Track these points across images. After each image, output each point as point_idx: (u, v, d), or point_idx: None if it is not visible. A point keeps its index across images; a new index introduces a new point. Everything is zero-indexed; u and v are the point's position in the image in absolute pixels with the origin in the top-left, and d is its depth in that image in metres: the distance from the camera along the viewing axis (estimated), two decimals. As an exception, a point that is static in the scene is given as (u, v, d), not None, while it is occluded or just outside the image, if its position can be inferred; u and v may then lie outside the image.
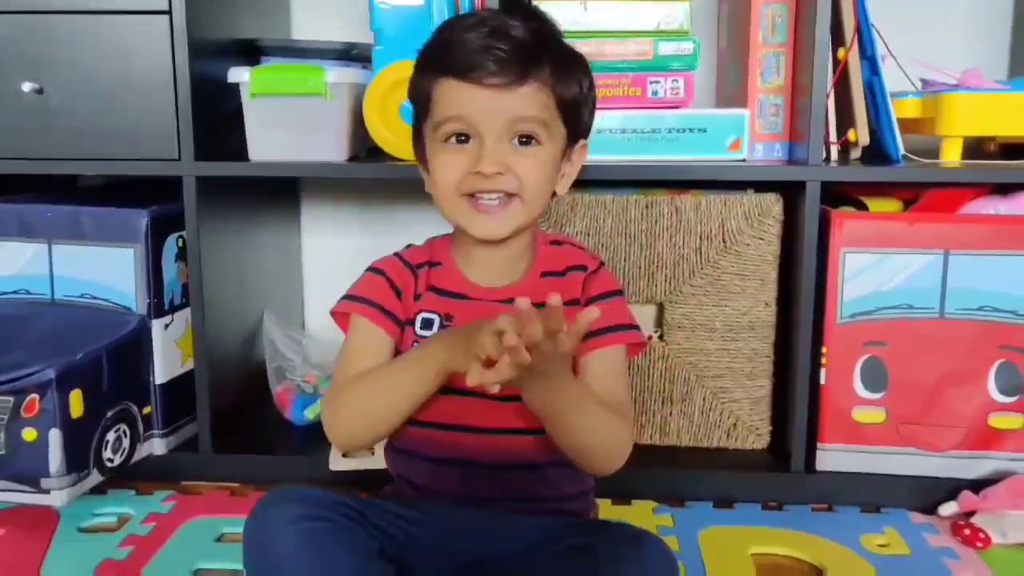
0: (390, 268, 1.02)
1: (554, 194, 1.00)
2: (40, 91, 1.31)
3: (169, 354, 1.39)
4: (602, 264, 1.05)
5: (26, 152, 1.34)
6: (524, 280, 1.00)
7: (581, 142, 1.01)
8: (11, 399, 1.20)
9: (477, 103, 0.91)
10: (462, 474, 0.97)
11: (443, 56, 0.93)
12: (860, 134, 1.34)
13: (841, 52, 1.33)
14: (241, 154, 1.37)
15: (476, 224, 0.95)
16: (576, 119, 0.98)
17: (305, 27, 1.70)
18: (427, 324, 0.99)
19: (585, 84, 0.98)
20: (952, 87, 1.37)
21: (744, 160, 1.35)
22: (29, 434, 1.20)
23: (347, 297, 1.01)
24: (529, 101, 0.92)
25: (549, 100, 0.94)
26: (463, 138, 0.93)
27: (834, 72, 1.33)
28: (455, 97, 0.92)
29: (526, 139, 0.93)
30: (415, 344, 0.98)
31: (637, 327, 1.02)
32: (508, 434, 0.95)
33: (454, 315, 0.99)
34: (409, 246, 1.07)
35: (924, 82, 1.44)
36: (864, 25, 1.33)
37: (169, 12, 1.28)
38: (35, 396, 1.20)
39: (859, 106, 1.33)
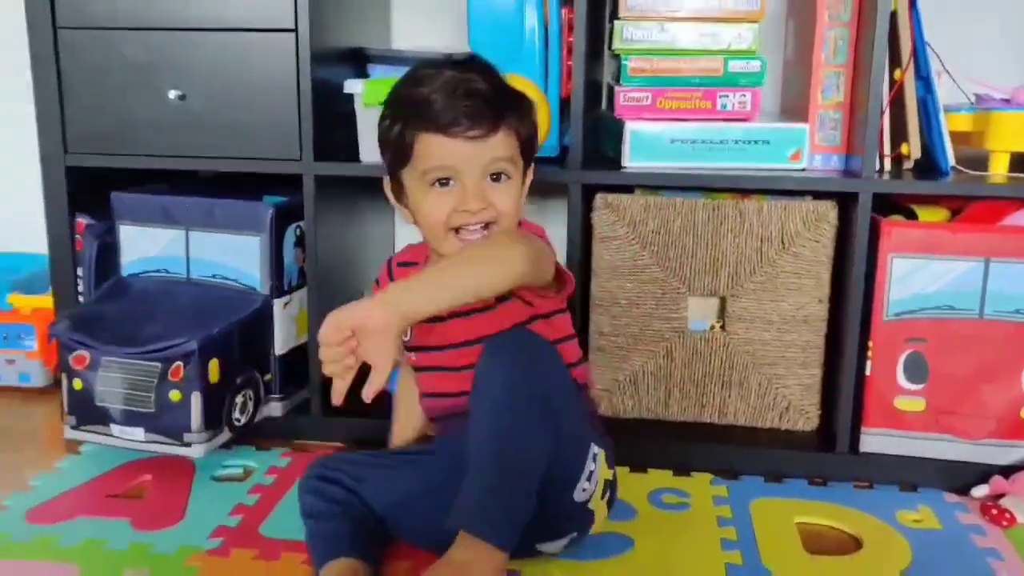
0: (382, 278, 1.29)
1: None
2: (183, 97, 1.51)
3: (287, 329, 1.58)
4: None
5: (169, 150, 1.54)
6: None
7: (532, 166, 1.21)
8: (159, 365, 1.41)
9: (458, 153, 1.10)
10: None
11: (420, 113, 1.10)
12: (912, 148, 1.47)
13: (897, 73, 1.45)
14: (352, 155, 1.54)
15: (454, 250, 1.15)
16: (532, 151, 1.19)
17: (404, 33, 1.87)
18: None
19: (534, 119, 1.18)
20: (1003, 103, 1.49)
21: (804, 170, 1.48)
22: (175, 395, 1.41)
23: None
24: (500, 145, 1.11)
25: (514, 141, 1.14)
26: (445, 181, 1.12)
27: (890, 91, 1.45)
28: (437, 149, 1.10)
29: (497, 175, 1.13)
30: None
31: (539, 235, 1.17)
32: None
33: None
34: (409, 245, 1.29)
35: (978, 97, 1.55)
36: (920, 47, 1.45)
37: (295, 30, 1.46)
38: (180, 364, 1.40)
39: (912, 123, 1.46)
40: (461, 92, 1.09)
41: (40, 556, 1.23)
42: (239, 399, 1.50)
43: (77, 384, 1.44)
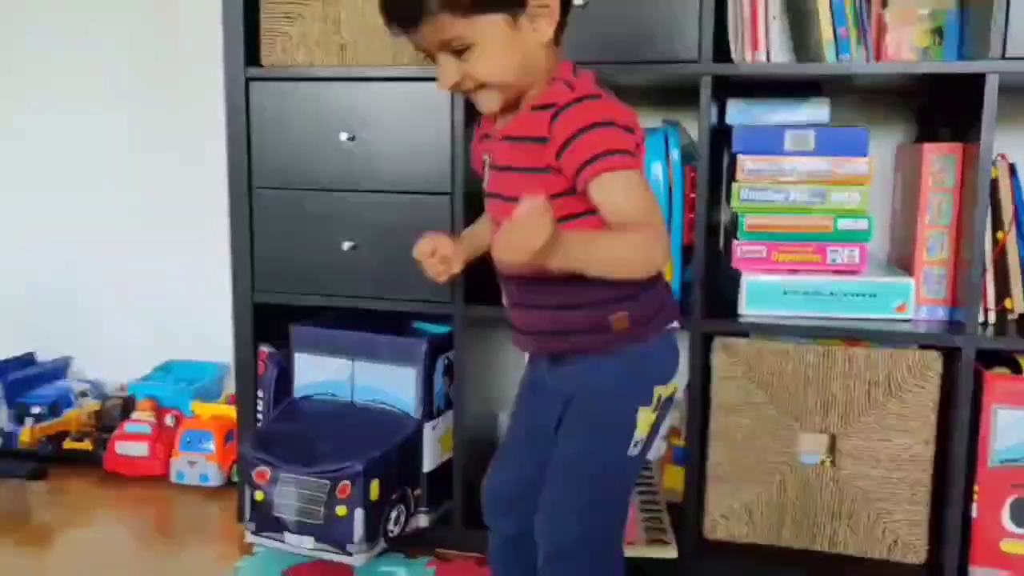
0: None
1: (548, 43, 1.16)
2: (355, 247, 1.75)
3: (434, 448, 1.79)
4: (580, 99, 1.13)
5: (341, 291, 1.78)
6: (515, 119, 1.20)
7: None
8: (329, 483, 1.63)
9: (410, 42, 1.16)
10: (512, 288, 1.26)
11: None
12: (1016, 303, 1.58)
13: (1000, 234, 1.57)
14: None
15: (477, 107, 1.21)
16: (499, 3, 1.12)
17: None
18: (483, 164, 1.28)
19: None
20: (1106, 260, 1.58)
21: (909, 320, 1.60)
22: (341, 511, 1.62)
23: None
24: (437, 30, 1.11)
25: (453, 16, 1.10)
26: (431, 58, 1.17)
27: (993, 250, 1.57)
28: (401, 39, 1.17)
29: (458, 51, 1.12)
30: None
31: (616, 151, 1.10)
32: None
33: (487, 152, 1.26)
34: None
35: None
36: (1021, 211, 1.57)
37: (451, 193, 1.69)
38: (347, 483, 1.62)
39: (1015, 280, 1.58)
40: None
41: (232, 651, 1.45)
42: (393, 513, 1.70)
43: (259, 496, 1.67)
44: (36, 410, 2.21)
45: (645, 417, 1.23)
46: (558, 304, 1.21)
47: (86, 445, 2.18)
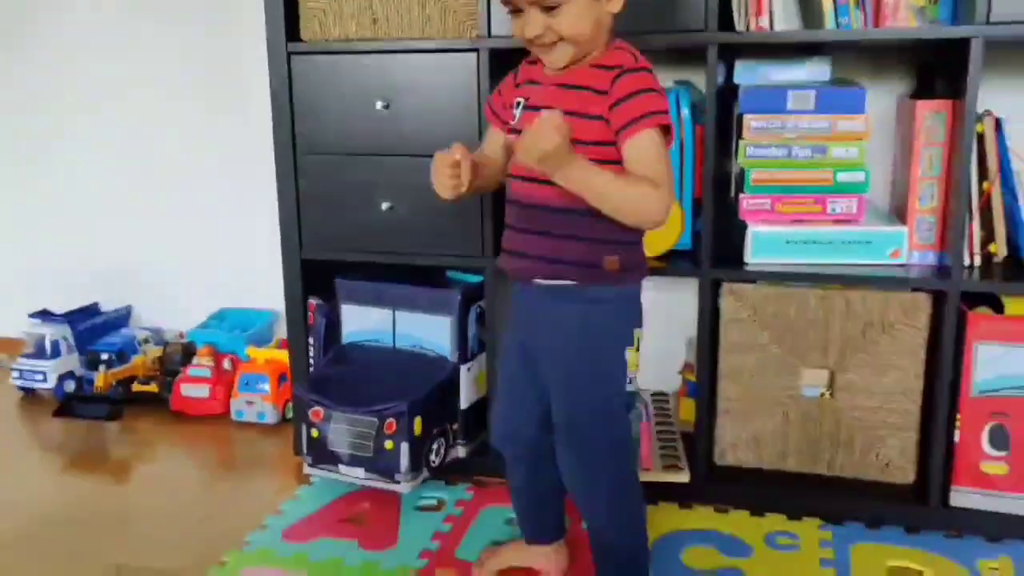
0: (511, 75, 1.49)
1: (614, 15, 1.34)
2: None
3: (470, 387, 1.97)
4: (641, 69, 1.33)
5: (380, 247, 1.95)
6: (571, 72, 1.36)
7: None
8: (377, 420, 1.82)
9: None
10: (520, 212, 1.41)
11: None
12: (1000, 248, 1.71)
13: (986, 185, 1.70)
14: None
15: (544, 59, 1.37)
16: None
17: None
18: (516, 104, 1.44)
19: None
20: (1087, 205, 1.71)
21: (903, 265, 1.75)
22: (389, 445, 1.81)
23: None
24: None
25: None
26: (515, 12, 1.33)
27: (980, 199, 1.71)
28: None
29: (549, 7, 1.29)
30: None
31: (662, 112, 1.30)
32: (539, 183, 1.33)
33: (529, 97, 1.41)
34: None
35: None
36: (1005, 163, 1.70)
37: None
38: (393, 420, 1.81)
39: (999, 227, 1.71)
40: None
41: (298, 567, 1.66)
42: (435, 445, 1.89)
43: (314, 433, 1.87)
44: (105, 356, 2.42)
45: (631, 357, 1.42)
46: (565, 234, 1.37)
47: (153, 388, 2.40)
